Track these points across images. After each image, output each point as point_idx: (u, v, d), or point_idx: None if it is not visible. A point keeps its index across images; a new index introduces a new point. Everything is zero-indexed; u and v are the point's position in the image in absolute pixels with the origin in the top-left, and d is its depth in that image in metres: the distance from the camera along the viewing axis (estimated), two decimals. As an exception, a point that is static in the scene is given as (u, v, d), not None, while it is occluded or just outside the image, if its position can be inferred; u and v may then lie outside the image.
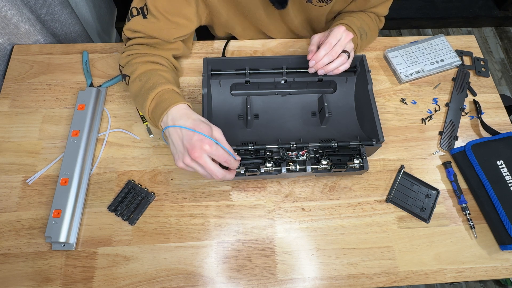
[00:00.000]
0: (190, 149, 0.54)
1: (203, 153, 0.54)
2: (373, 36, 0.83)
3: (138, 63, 0.66)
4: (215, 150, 0.55)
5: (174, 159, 0.57)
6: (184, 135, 0.55)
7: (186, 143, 0.55)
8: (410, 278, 0.65)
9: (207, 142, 0.54)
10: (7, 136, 0.72)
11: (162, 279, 0.63)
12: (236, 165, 0.59)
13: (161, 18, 0.66)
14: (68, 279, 0.62)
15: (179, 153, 0.56)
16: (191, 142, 0.54)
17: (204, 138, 0.55)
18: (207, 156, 0.55)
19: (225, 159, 0.57)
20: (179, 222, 0.67)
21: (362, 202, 0.71)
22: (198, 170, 0.56)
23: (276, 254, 0.66)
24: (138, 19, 0.67)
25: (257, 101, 0.77)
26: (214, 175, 0.56)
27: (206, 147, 0.54)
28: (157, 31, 0.67)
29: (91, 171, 0.70)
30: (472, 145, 0.72)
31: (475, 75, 0.86)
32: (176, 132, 0.56)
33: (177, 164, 0.57)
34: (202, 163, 0.55)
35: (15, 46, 0.82)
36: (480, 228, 0.70)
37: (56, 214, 0.63)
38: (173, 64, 0.73)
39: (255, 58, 0.74)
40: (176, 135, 0.56)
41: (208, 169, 0.55)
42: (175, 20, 0.68)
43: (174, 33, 0.69)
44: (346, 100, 0.78)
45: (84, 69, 0.80)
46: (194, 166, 0.56)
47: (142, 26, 0.67)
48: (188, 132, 0.55)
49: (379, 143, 0.66)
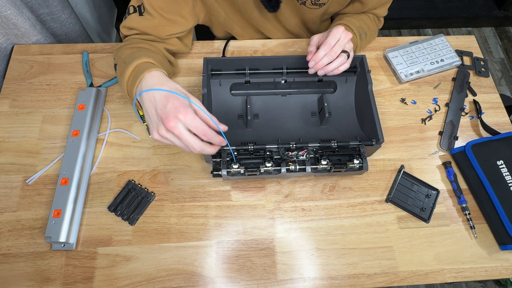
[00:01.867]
0: (164, 118, 0.49)
1: (178, 122, 0.49)
2: (373, 36, 0.83)
3: (125, 48, 0.65)
4: (190, 120, 0.50)
5: (150, 130, 0.53)
6: (158, 102, 0.51)
7: (160, 111, 0.50)
8: (410, 278, 0.65)
9: (183, 110, 0.49)
10: (7, 136, 0.72)
11: (162, 279, 0.63)
12: (217, 140, 0.54)
13: (156, 16, 0.66)
14: (68, 279, 0.62)
15: (153, 123, 0.52)
16: (164, 110, 0.50)
17: (179, 106, 0.50)
18: (183, 126, 0.50)
19: (204, 131, 0.51)
20: (179, 222, 0.67)
21: (362, 202, 0.71)
22: (175, 142, 0.51)
23: (276, 254, 0.66)
24: (134, 16, 0.67)
25: (257, 101, 0.77)
26: (192, 147, 0.51)
27: (181, 116, 0.49)
28: (151, 28, 0.67)
29: (91, 171, 0.70)
30: (472, 145, 0.72)
31: (475, 75, 0.86)
32: (149, 100, 0.52)
33: (153, 136, 0.52)
34: (177, 134, 0.50)
35: (15, 46, 0.82)
36: (480, 228, 0.70)
37: (56, 214, 0.63)
38: (166, 57, 0.73)
39: (255, 58, 0.74)
40: (150, 103, 0.52)
41: (184, 140, 0.50)
42: (170, 18, 0.68)
43: (168, 30, 0.69)
44: (346, 100, 0.78)
45: (84, 69, 0.80)
46: (169, 137, 0.51)
47: (137, 23, 0.67)
48: (162, 98, 0.50)
49: (379, 143, 0.66)
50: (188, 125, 0.50)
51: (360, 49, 0.80)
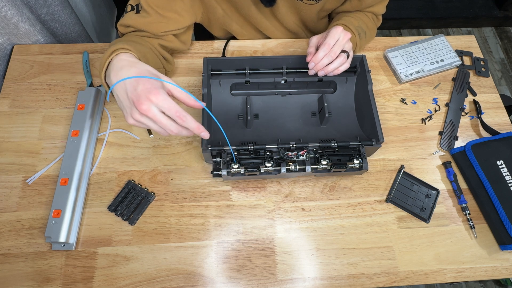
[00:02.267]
0: (136, 102, 0.47)
1: (151, 105, 0.47)
2: (372, 35, 0.83)
3: (117, 43, 0.62)
4: (162, 101, 0.47)
5: (124, 116, 0.51)
6: (128, 86, 0.48)
7: (131, 95, 0.48)
8: (410, 278, 0.65)
9: (154, 91, 0.47)
10: (7, 136, 0.72)
11: (162, 279, 0.63)
12: (193, 125, 0.50)
13: (152, 13, 0.67)
14: (68, 279, 0.62)
15: (126, 108, 0.49)
16: (135, 93, 0.47)
17: (151, 87, 0.47)
18: (157, 108, 0.48)
19: (177, 113, 0.48)
20: (179, 222, 0.67)
21: (362, 202, 0.71)
22: (151, 125, 0.49)
23: (276, 254, 0.66)
24: (130, 14, 0.68)
25: (257, 101, 0.77)
26: (168, 129, 0.49)
27: (152, 97, 0.47)
28: (147, 25, 0.68)
29: (91, 171, 0.70)
30: (472, 145, 0.72)
31: (475, 75, 0.86)
32: (119, 85, 0.49)
33: (128, 121, 0.50)
34: (151, 117, 0.48)
35: (15, 46, 0.82)
36: (480, 228, 0.70)
37: (56, 214, 0.63)
38: (161, 54, 0.72)
39: (255, 58, 0.74)
40: (120, 88, 0.49)
41: (159, 123, 0.48)
42: (165, 15, 0.68)
43: (163, 27, 0.69)
44: (346, 100, 0.78)
45: (84, 69, 0.80)
46: (144, 121, 0.49)
47: (133, 21, 0.67)
48: (132, 82, 0.48)
49: (379, 143, 0.66)
50: (160, 107, 0.48)
51: (360, 49, 0.80)
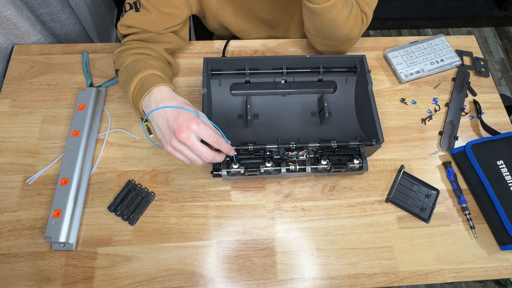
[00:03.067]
0: (176, 130, 0.51)
1: (191, 133, 0.51)
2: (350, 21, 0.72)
3: (127, 55, 0.66)
4: (203, 129, 0.52)
5: (162, 144, 0.55)
6: (169, 116, 0.53)
7: (172, 124, 0.52)
8: (410, 278, 0.65)
9: (194, 121, 0.51)
10: (7, 136, 0.72)
11: (162, 279, 0.63)
12: (226, 147, 0.56)
13: (152, 10, 0.67)
14: (68, 279, 0.62)
15: (165, 136, 0.53)
16: (177, 122, 0.51)
17: (191, 118, 0.51)
18: (195, 137, 0.52)
19: (215, 139, 0.53)
20: (179, 222, 0.67)
21: (362, 202, 0.71)
22: (187, 153, 0.53)
23: (276, 254, 0.66)
24: (130, 13, 0.68)
25: (257, 101, 0.77)
26: (204, 156, 0.53)
27: (193, 127, 0.51)
28: (149, 23, 0.68)
29: (91, 171, 0.70)
30: (472, 145, 0.72)
31: (475, 75, 0.86)
32: (160, 115, 0.54)
33: (166, 149, 0.54)
34: (190, 145, 0.51)
35: (15, 46, 0.82)
36: (480, 228, 0.70)
37: (56, 214, 0.63)
38: (166, 58, 0.73)
39: (255, 58, 0.74)
40: (161, 118, 0.54)
41: (196, 150, 0.52)
42: (166, 11, 0.68)
43: (165, 24, 0.69)
44: (346, 100, 0.78)
45: (84, 69, 0.80)
46: (182, 148, 0.53)
47: (135, 20, 0.67)
48: (173, 112, 0.52)
49: (379, 143, 0.66)
50: (201, 135, 0.52)
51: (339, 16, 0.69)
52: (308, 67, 0.73)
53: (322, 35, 0.73)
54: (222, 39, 0.89)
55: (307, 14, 0.69)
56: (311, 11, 0.67)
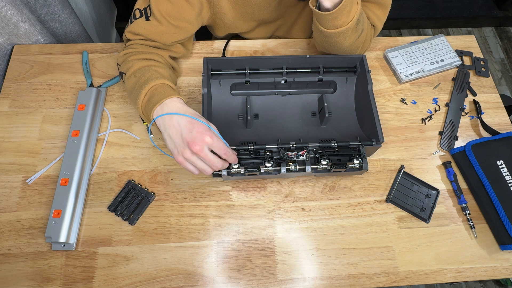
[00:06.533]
0: (190, 142, 0.54)
1: (204, 146, 0.54)
2: (365, 33, 0.74)
3: (134, 60, 0.66)
4: (216, 142, 0.55)
5: (173, 154, 0.57)
6: (183, 128, 0.55)
7: (186, 136, 0.54)
8: (410, 278, 0.65)
9: (208, 134, 0.54)
10: (7, 136, 0.72)
11: (162, 279, 0.63)
12: (233, 158, 0.59)
13: (164, 22, 0.66)
14: (68, 279, 0.62)
15: (178, 147, 0.56)
16: (191, 135, 0.54)
17: (204, 131, 0.54)
18: (208, 149, 0.55)
19: (225, 151, 0.57)
20: (179, 222, 0.67)
21: (362, 202, 0.71)
22: (198, 164, 0.56)
23: (276, 254, 0.66)
24: (140, 21, 0.67)
25: (257, 101, 0.77)
26: (214, 166, 0.57)
27: (207, 139, 0.54)
28: (158, 35, 0.67)
29: (91, 171, 0.70)
30: (472, 145, 0.72)
31: (475, 75, 0.86)
32: (173, 126, 0.56)
33: (177, 159, 0.56)
34: (203, 156, 0.55)
35: (15, 46, 0.82)
36: (480, 228, 0.70)
37: (56, 214, 0.63)
38: (171, 64, 0.73)
39: (255, 58, 0.74)
40: (174, 129, 0.56)
41: (209, 161, 0.55)
42: (177, 24, 0.68)
43: (174, 37, 0.70)
44: (346, 100, 0.78)
45: (84, 69, 0.80)
46: (193, 159, 0.55)
47: (144, 30, 0.67)
48: (187, 124, 0.55)
49: (379, 143, 0.66)
50: (213, 147, 0.55)
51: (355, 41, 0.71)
52: (308, 67, 0.73)
53: (328, 49, 0.74)
54: (222, 39, 0.89)
55: (315, 29, 0.70)
56: (319, 30, 0.68)
